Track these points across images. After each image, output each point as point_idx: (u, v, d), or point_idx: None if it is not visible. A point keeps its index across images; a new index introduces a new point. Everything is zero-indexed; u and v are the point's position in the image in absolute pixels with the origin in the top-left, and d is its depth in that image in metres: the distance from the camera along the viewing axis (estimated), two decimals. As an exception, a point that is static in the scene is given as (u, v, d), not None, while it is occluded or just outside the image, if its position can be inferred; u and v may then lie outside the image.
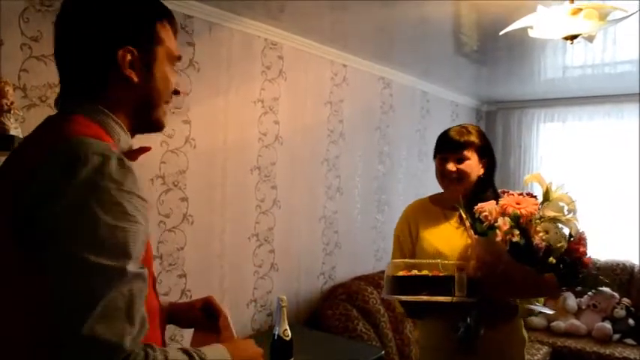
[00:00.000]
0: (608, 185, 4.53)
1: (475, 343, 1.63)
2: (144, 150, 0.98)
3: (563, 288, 1.52)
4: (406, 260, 1.79)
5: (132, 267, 0.78)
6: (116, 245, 0.77)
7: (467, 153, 1.76)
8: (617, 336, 3.92)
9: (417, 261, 1.76)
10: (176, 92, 1.01)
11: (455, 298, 1.56)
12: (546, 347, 3.85)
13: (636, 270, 4.27)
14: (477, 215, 1.54)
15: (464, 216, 1.63)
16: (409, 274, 1.65)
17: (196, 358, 0.85)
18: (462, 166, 1.76)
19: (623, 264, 4.32)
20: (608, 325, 3.97)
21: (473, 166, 1.77)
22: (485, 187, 1.78)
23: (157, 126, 1.00)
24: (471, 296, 1.57)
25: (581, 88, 4.38)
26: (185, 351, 0.85)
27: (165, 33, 0.97)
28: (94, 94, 0.92)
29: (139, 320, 0.78)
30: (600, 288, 4.10)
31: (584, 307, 4.17)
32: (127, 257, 0.77)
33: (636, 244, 4.19)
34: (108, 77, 0.91)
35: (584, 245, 1.48)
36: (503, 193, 1.58)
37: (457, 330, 1.66)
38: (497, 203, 1.53)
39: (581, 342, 3.89)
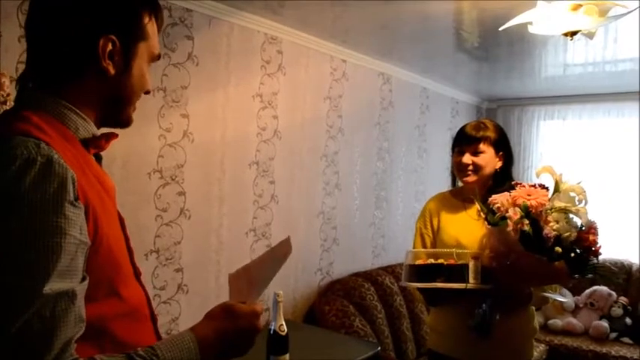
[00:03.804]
0: (607, 183, 4.52)
1: (490, 329, 1.69)
2: (112, 137, 0.93)
3: (574, 276, 1.58)
4: (424, 250, 1.89)
5: (52, 286, 0.70)
6: (30, 262, 0.70)
7: (482, 146, 1.86)
8: (614, 335, 3.93)
9: (434, 250, 1.85)
10: (147, 92, 0.95)
11: (468, 285, 1.64)
12: (543, 345, 3.85)
13: (634, 269, 4.27)
14: (490, 206, 1.61)
15: (479, 207, 1.70)
16: (426, 262, 1.73)
17: None
18: (477, 159, 1.85)
19: (622, 263, 4.31)
20: (605, 323, 3.98)
21: (488, 159, 1.86)
22: (504, 180, 1.85)
23: (124, 122, 0.94)
24: (485, 284, 1.64)
25: (582, 86, 4.37)
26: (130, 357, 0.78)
27: (151, 27, 0.91)
28: (61, 81, 0.85)
29: (61, 342, 0.71)
30: (599, 286, 4.13)
31: (581, 305, 4.17)
32: (44, 275, 0.70)
33: (636, 243, 4.19)
34: (83, 65, 0.84)
35: (595, 234, 1.54)
36: (516, 184, 1.64)
37: (473, 316, 1.72)
38: (509, 195, 1.59)
39: (578, 340, 3.89)
